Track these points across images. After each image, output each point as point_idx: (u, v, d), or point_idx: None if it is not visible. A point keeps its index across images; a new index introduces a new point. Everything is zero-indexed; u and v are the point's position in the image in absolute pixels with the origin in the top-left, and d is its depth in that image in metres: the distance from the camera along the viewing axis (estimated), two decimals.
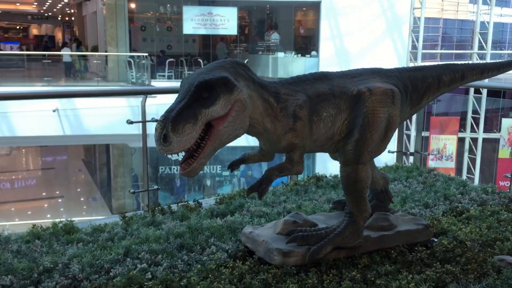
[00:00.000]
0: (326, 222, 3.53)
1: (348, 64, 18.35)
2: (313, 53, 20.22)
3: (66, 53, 22.68)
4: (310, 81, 3.18)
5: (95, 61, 24.02)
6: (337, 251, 3.20)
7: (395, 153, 6.08)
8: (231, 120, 2.75)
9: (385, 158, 5.90)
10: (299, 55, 20.53)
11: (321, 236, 3.19)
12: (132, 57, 20.04)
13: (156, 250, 3.25)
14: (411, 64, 18.92)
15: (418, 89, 3.54)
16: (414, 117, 5.98)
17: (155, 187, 4.89)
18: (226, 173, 20.49)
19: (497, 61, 3.99)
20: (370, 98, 3.17)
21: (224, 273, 2.96)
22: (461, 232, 3.63)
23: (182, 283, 2.85)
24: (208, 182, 20.75)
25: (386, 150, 5.59)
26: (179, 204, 4.27)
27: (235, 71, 2.86)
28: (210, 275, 2.96)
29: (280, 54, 20.30)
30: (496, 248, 3.41)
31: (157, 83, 18.96)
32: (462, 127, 18.99)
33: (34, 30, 46.79)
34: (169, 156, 2.68)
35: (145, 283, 2.80)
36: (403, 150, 6.05)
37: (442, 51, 21.40)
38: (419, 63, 18.86)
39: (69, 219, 3.86)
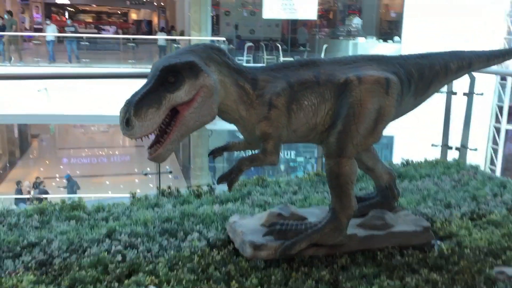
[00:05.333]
0: (320, 216, 3.35)
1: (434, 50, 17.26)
2: (396, 38, 19.31)
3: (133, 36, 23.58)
4: (295, 67, 3.02)
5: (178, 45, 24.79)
6: (316, 248, 3.03)
7: (440, 147, 5.65)
8: (196, 106, 2.68)
9: (428, 152, 5.52)
10: (381, 40, 19.69)
11: (300, 231, 3.04)
12: (212, 41, 20.41)
13: (138, 232, 3.29)
14: None
15: (425, 78, 3.23)
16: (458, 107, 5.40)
17: (168, 170, 4.95)
18: (301, 159, 20.38)
19: (502, 48, 3.63)
20: (358, 87, 2.94)
21: (193, 261, 2.93)
22: (469, 238, 3.29)
23: (148, 268, 2.86)
24: (282, 167, 20.75)
25: (429, 144, 5.24)
26: (189, 188, 4.29)
27: (207, 55, 2.78)
28: (179, 262, 2.94)
29: (361, 40, 19.61)
30: (503, 258, 3.04)
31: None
32: None
33: (133, 15, 49.25)
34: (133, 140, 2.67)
35: (110, 265, 2.84)
36: (448, 145, 5.59)
37: None
38: None
39: (81, 196, 4.03)
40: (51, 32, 19.40)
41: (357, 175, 3.02)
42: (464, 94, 5.42)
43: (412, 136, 14.69)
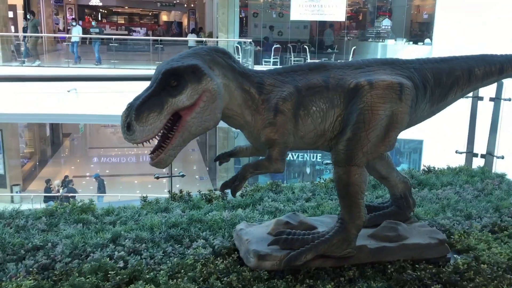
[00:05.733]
0: (330, 225, 3.23)
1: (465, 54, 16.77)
2: (427, 40, 18.87)
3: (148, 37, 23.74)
4: (303, 71, 2.91)
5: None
6: (323, 259, 2.91)
7: (465, 154, 5.43)
8: (198, 111, 2.61)
9: (444, 159, 5.31)
10: (411, 42, 19.28)
11: (307, 241, 2.93)
12: (239, 43, 20.41)
13: (143, 238, 3.24)
14: None
15: (443, 83, 3.07)
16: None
17: (181, 173, 4.90)
18: (327, 161, 20.13)
19: None
20: (370, 93, 2.81)
21: (195, 269, 2.85)
22: (488, 252, 3.11)
23: (148, 276, 2.79)
24: (308, 170, 20.56)
25: (444, 151, 5.03)
26: (200, 192, 4.21)
27: (211, 58, 2.70)
28: (182, 270, 2.87)
29: (390, 42, 19.25)
30: None
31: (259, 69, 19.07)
32: None
33: (164, 17, 49.77)
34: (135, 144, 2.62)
35: (110, 272, 2.79)
36: (473, 151, 5.36)
37: None
38: None
39: (91, 199, 4.01)
40: (76, 33, 19.61)
41: (367, 184, 2.89)
42: (491, 99, 5.18)
43: (442, 141, 14.31)
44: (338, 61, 3.02)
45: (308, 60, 19.66)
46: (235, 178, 2.89)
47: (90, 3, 39.97)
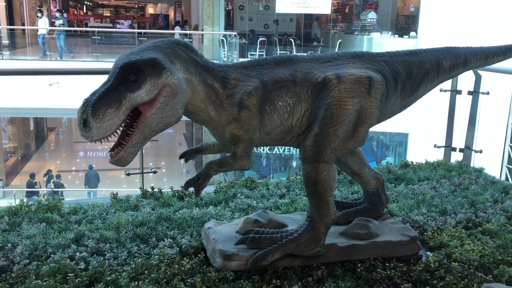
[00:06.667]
0: (301, 223, 3.15)
1: None
2: (412, 34, 18.86)
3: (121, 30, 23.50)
4: (270, 65, 2.81)
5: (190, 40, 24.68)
6: (291, 259, 2.83)
7: (442, 148, 5.38)
8: (159, 107, 2.50)
9: (428, 153, 5.27)
10: (396, 36, 19.26)
11: (276, 240, 2.84)
12: (225, 35, 20.24)
13: (108, 237, 3.13)
14: None
15: (414, 76, 2.99)
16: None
17: (153, 169, 4.79)
18: None
19: (503, 44, 3.32)
20: (338, 87, 2.72)
21: (160, 270, 2.76)
22: (460, 249, 3.05)
23: (110, 278, 2.69)
24: (294, 164, 20.51)
25: (429, 144, 4.98)
26: (172, 189, 4.11)
27: (172, 52, 2.59)
28: (145, 271, 2.77)
29: (376, 35, 19.22)
30: (495, 273, 2.81)
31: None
32: None
33: (150, 9, 49.29)
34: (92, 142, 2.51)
35: (69, 274, 2.68)
36: (452, 146, 5.31)
37: None
38: None
39: (60, 197, 3.88)
40: (42, 25, 19.14)
41: (336, 181, 2.81)
42: (469, 93, 5.13)
43: (426, 135, 14.32)
44: (308, 54, 2.92)
45: (294, 53, 19.57)
46: (199, 176, 2.79)
47: None
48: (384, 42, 19.16)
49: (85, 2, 43.23)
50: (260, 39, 20.15)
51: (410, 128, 17.00)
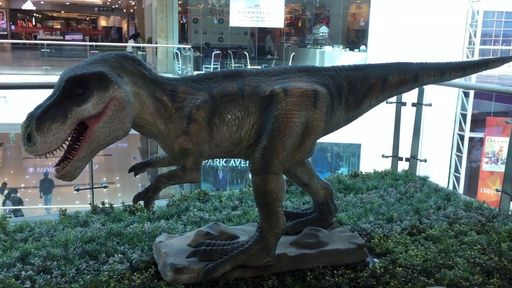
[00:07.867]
0: (252, 233, 3.19)
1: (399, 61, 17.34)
2: (362, 47, 19.42)
3: (76, 43, 23.23)
4: (219, 78, 2.86)
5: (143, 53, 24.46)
6: (242, 269, 2.86)
7: (390, 158, 5.57)
8: (106, 121, 2.50)
9: (380, 163, 5.43)
10: (347, 49, 19.79)
11: (227, 251, 2.87)
12: (179, 49, 20.20)
13: (56, 255, 3.07)
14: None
15: (357, 91, 3.10)
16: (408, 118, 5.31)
17: (103, 184, 4.73)
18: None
19: (462, 60, 3.43)
20: (285, 100, 2.79)
21: (109, 286, 2.73)
22: (405, 255, 3.17)
23: None
24: (250, 176, 20.57)
25: (380, 154, 5.14)
26: (124, 204, 4.07)
27: (120, 65, 2.60)
28: None
29: (328, 48, 19.67)
30: (437, 276, 2.93)
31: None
32: None
33: (103, 22, 48.57)
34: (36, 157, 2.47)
35: None
36: (398, 155, 5.51)
37: (503, 47, 19.76)
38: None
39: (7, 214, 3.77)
40: None
41: (285, 192, 2.87)
42: (413, 104, 5.35)
43: (378, 145, 14.71)
44: (255, 68, 2.98)
45: (249, 66, 19.73)
46: (148, 189, 2.79)
47: (23, 7, 38.36)
48: (336, 56, 19.64)
49: (34, 14, 42.13)
50: (214, 52, 20.22)
51: (363, 139, 17.47)
